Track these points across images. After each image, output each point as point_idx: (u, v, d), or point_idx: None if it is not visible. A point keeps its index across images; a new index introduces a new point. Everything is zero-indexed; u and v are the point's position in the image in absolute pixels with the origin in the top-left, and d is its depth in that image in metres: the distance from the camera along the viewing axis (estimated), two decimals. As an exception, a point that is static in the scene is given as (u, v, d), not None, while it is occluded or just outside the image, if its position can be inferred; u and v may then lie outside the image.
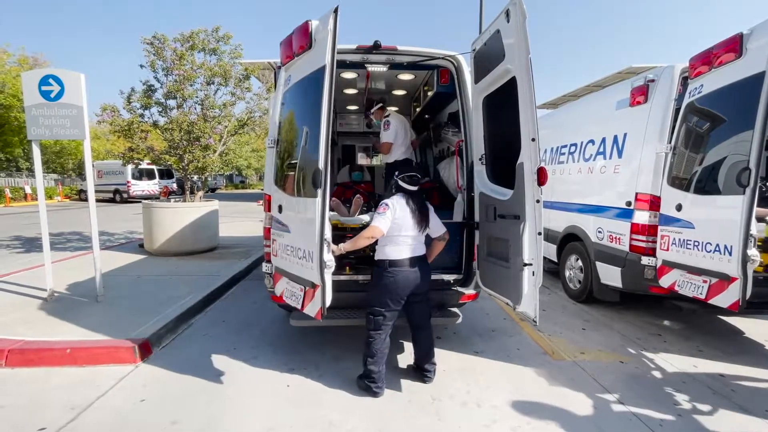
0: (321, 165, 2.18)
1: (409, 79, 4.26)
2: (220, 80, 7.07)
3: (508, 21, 2.43)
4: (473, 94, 3.16)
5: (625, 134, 4.12)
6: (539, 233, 2.38)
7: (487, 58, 2.82)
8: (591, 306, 4.67)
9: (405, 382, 2.92)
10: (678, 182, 3.37)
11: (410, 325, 2.90)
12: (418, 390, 2.82)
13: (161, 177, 21.51)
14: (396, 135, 4.16)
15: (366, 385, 2.73)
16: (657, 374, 3.09)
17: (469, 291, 3.33)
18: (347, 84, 4.67)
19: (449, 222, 3.58)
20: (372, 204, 3.95)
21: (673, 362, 3.29)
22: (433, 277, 3.41)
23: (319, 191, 2.19)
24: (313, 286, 2.33)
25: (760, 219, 2.86)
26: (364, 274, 3.22)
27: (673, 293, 3.45)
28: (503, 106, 2.83)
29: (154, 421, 2.44)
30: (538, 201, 2.37)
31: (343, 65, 3.42)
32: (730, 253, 2.75)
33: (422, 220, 2.71)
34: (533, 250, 2.38)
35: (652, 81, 3.82)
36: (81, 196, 22.96)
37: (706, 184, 3.08)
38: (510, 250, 2.63)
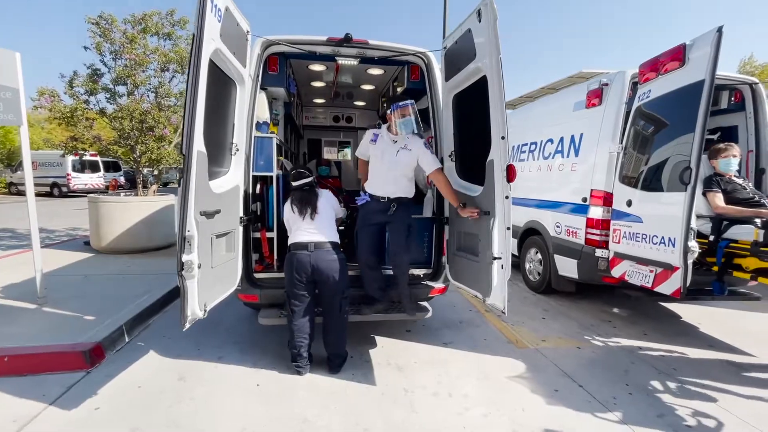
0: None
1: (378, 74, 4.25)
2: (176, 67, 6.67)
3: (479, 21, 2.49)
4: (443, 91, 3.21)
5: (582, 134, 4.37)
6: (508, 228, 2.48)
7: (457, 57, 2.87)
8: (549, 296, 4.94)
9: (377, 376, 2.94)
10: (628, 180, 3.63)
11: (321, 311, 3.01)
12: (391, 383, 2.85)
13: (106, 169, 19.93)
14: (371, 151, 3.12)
15: (291, 364, 2.94)
16: (610, 358, 3.33)
17: (439, 285, 3.40)
18: (315, 76, 4.57)
19: (419, 218, 3.64)
20: (340, 200, 3.92)
21: (623, 346, 3.57)
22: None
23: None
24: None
25: (745, 221, 3.09)
26: None
27: (623, 282, 3.73)
28: (473, 104, 2.90)
29: (112, 429, 2.28)
30: (507, 197, 2.46)
31: (312, 57, 3.35)
32: (674, 245, 3.01)
33: (303, 210, 2.91)
34: (502, 244, 2.47)
35: (606, 85, 4.08)
36: (11, 189, 20.76)
37: (653, 182, 3.35)
38: (480, 244, 2.72)
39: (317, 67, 4.08)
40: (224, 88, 2.70)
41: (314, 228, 2.87)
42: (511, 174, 2.42)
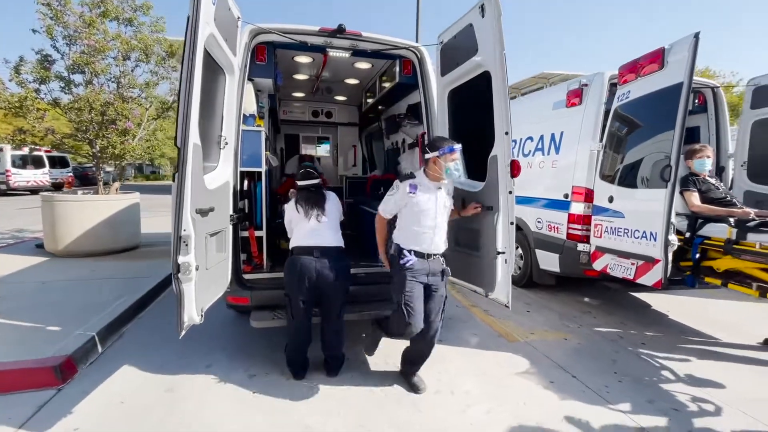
0: None
1: (365, 68, 4.16)
2: (140, 56, 6.22)
3: (482, 16, 2.48)
4: (439, 86, 3.18)
5: (562, 132, 4.52)
6: (512, 223, 2.50)
7: (456, 52, 2.85)
8: (530, 290, 5.09)
9: (377, 377, 2.89)
10: (610, 177, 3.80)
11: (321, 314, 2.87)
12: (392, 384, 2.80)
13: (52, 165, 18.32)
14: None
15: (288, 368, 2.85)
16: (595, 347, 3.47)
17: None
18: (299, 69, 4.41)
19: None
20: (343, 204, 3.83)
21: (605, 335, 3.73)
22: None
23: None
24: None
25: (719, 220, 3.25)
26: None
27: (604, 275, 3.90)
28: (471, 99, 2.91)
29: (97, 450, 2.08)
30: (510, 192, 2.48)
31: (302, 48, 3.21)
32: (655, 239, 3.18)
33: (309, 212, 2.77)
34: (506, 239, 2.49)
35: (586, 85, 4.23)
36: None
37: (635, 179, 3.52)
38: (481, 239, 2.73)
39: (303, 59, 3.93)
40: (214, 76, 2.52)
41: (320, 231, 2.75)
42: (515, 169, 2.43)
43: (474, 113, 2.91)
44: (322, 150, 6.92)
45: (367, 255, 3.61)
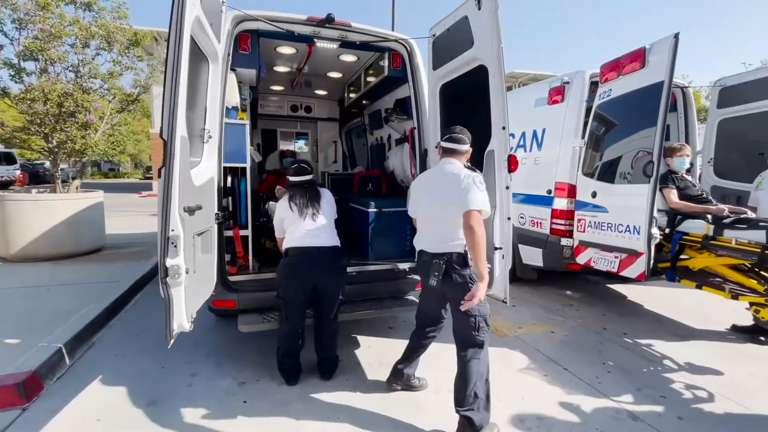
0: None
1: (350, 60, 4.03)
2: (101, 44, 5.78)
3: (479, 8, 2.44)
4: (431, 80, 3.13)
5: (544, 129, 4.60)
6: (508, 218, 2.49)
7: (450, 45, 2.80)
8: (513, 284, 5.11)
9: (373, 379, 2.81)
10: (593, 173, 3.89)
11: (315, 316, 2.79)
12: (389, 384, 2.73)
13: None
14: None
15: (280, 373, 2.70)
16: (581, 339, 3.56)
17: None
18: (280, 60, 4.21)
19: (403, 210, 3.55)
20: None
21: (588, 327, 3.84)
22: (388, 266, 3.37)
23: None
24: None
25: (696, 216, 3.39)
26: None
27: (587, 268, 4.01)
28: (465, 93, 2.87)
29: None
30: (507, 188, 2.47)
31: (289, 37, 3.06)
32: (638, 232, 3.28)
33: (304, 210, 2.62)
34: (503, 234, 2.48)
35: (568, 83, 4.32)
36: None
37: (618, 175, 3.62)
38: (477, 236, 2.70)
39: (287, 50, 3.75)
40: (197, 65, 2.34)
41: (317, 231, 2.63)
42: (512, 164, 2.42)
43: (467, 108, 2.88)
44: (301, 146, 6.72)
45: (357, 253, 3.51)
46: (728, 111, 4.46)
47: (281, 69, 4.48)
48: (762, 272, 3.29)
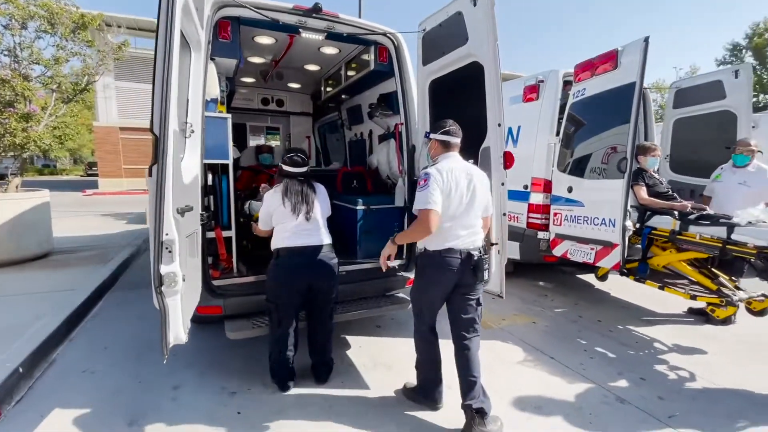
0: None
1: (331, 53, 3.90)
2: (42, 25, 5.20)
3: (474, 4, 2.43)
4: (420, 76, 3.09)
5: (519, 126, 4.74)
6: (504, 214, 2.53)
7: (442, 40, 2.78)
8: (490, 277, 5.30)
9: (369, 380, 2.77)
10: (569, 168, 4.06)
11: (307, 317, 2.68)
12: (386, 384, 2.69)
13: None
14: None
15: (273, 380, 2.60)
16: (561, 328, 3.72)
17: (413, 274, 3.34)
18: (257, 51, 3.99)
19: (392, 207, 3.51)
20: None
21: (566, 316, 4.02)
22: (377, 264, 3.32)
23: None
24: None
25: (664, 212, 3.59)
26: None
27: (563, 260, 4.19)
28: (455, 89, 2.87)
29: None
30: (503, 184, 2.50)
31: (273, 26, 2.89)
32: (614, 225, 3.47)
33: (298, 207, 2.48)
34: (499, 230, 2.51)
35: (542, 81, 4.47)
36: None
37: (592, 170, 3.80)
38: (471, 231, 2.71)
39: (265, 40, 3.55)
40: (181, 53, 2.15)
41: (310, 230, 2.51)
42: (508, 161, 2.45)
43: (458, 103, 2.88)
44: (271, 141, 6.45)
45: (345, 252, 3.43)
46: (683, 111, 4.84)
47: (256, 60, 4.25)
48: (714, 270, 3.61)
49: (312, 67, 4.50)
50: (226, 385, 2.63)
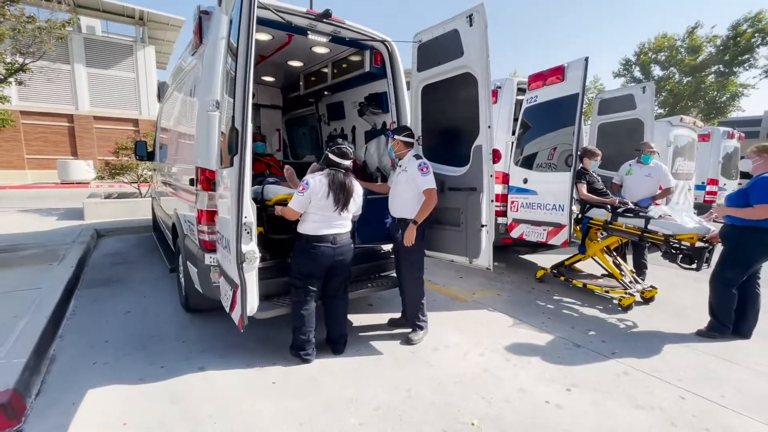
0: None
1: (322, 52, 4.11)
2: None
3: (470, 25, 2.89)
4: (414, 81, 3.48)
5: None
6: (492, 200, 3.05)
7: (437, 51, 3.20)
8: (453, 260, 5.93)
9: (381, 347, 3.14)
10: (525, 163, 4.77)
11: (324, 295, 2.94)
12: (397, 349, 3.09)
13: None
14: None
15: (296, 353, 2.82)
16: (521, 297, 4.42)
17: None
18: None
19: (383, 197, 3.87)
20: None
21: (522, 287, 4.76)
22: (372, 247, 3.69)
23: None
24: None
25: (599, 206, 4.31)
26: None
27: (519, 241, 4.93)
28: (447, 95, 3.32)
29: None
30: (491, 175, 3.01)
31: (286, 27, 3.07)
32: (563, 209, 4.24)
33: (338, 199, 2.68)
34: (488, 214, 3.03)
35: (500, 87, 5.14)
36: None
37: (544, 164, 4.54)
38: (463, 216, 3.21)
39: (262, 36, 3.65)
40: None
41: (341, 222, 2.78)
42: (496, 156, 2.97)
43: (447, 106, 3.34)
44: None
45: None
46: (604, 117, 5.88)
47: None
48: (620, 258, 4.57)
49: (296, 63, 4.64)
50: (251, 362, 2.82)
